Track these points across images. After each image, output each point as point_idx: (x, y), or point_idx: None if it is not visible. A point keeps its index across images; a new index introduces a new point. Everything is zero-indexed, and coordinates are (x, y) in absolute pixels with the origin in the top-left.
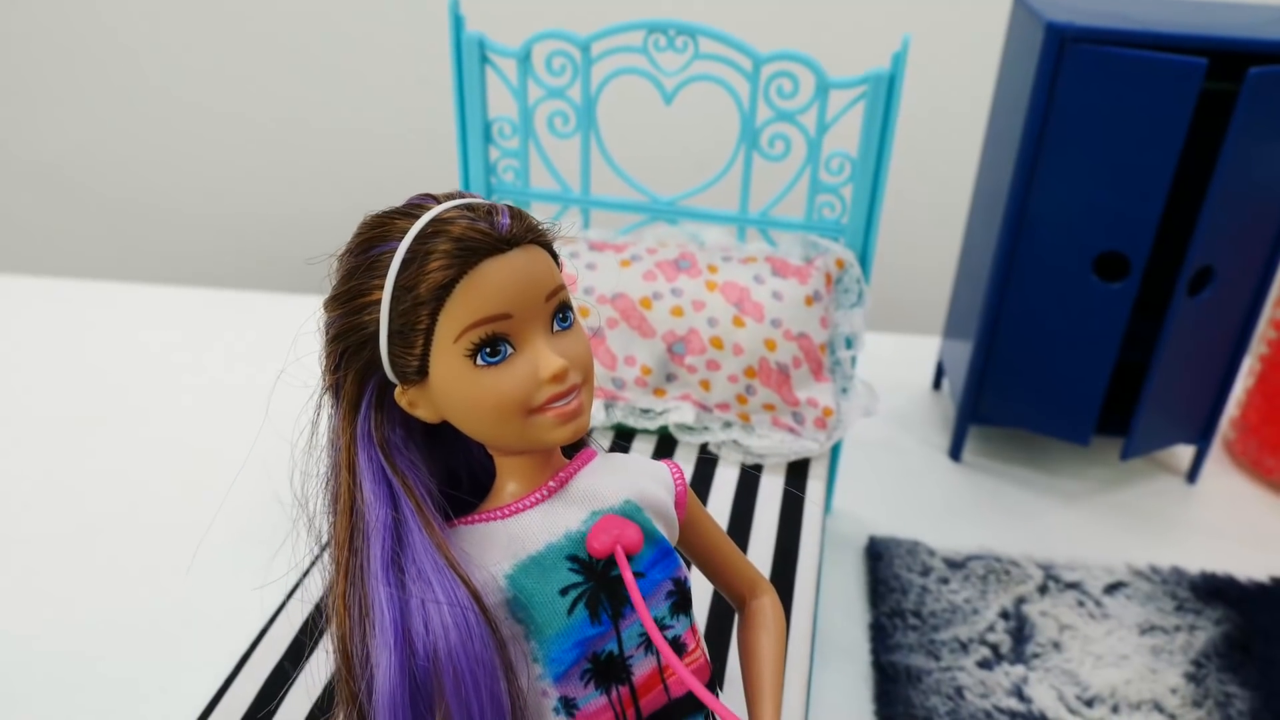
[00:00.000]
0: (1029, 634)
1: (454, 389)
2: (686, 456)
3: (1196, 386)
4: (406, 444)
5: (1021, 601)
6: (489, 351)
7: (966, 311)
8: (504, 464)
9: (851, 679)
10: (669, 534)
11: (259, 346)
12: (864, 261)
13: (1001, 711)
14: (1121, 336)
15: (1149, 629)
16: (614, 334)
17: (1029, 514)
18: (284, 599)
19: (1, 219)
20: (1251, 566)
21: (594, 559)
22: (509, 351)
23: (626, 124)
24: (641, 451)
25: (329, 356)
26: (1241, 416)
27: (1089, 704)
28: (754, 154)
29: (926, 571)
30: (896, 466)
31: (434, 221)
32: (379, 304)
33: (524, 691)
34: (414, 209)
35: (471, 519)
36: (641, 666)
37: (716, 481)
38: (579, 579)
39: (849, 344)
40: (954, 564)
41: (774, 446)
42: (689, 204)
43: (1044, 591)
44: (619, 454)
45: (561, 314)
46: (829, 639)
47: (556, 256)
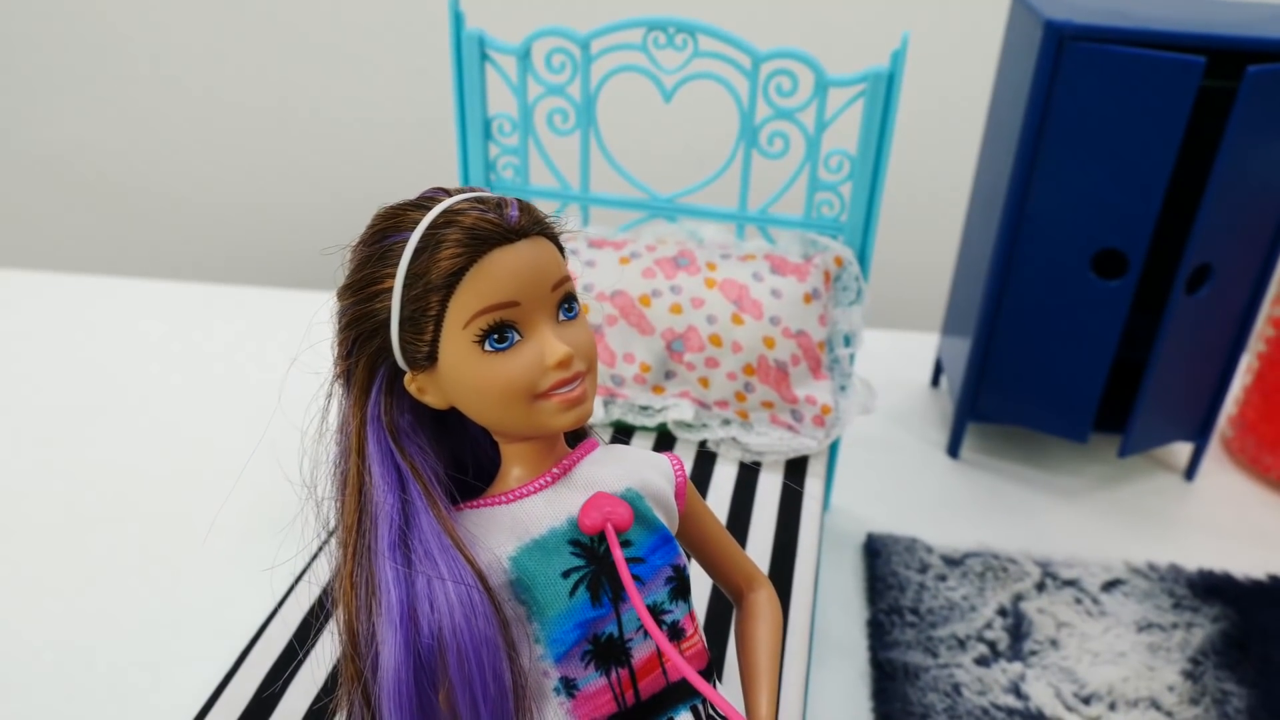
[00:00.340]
0: (1026, 631)
1: (462, 374)
2: (685, 453)
3: (1194, 384)
4: (415, 429)
5: (1019, 599)
6: (497, 338)
7: (965, 309)
8: (509, 450)
9: (849, 676)
10: (669, 524)
11: (256, 340)
12: (862, 259)
13: (999, 709)
14: (1119, 334)
15: (1146, 626)
16: (613, 331)
17: (1027, 511)
18: (293, 582)
19: (6, 213)
20: (1249, 564)
21: (595, 543)
22: (516, 338)
23: (626, 121)
24: (641, 448)
25: (341, 344)
26: (1239, 414)
27: (1086, 701)
28: (753, 152)
29: (924, 568)
30: (895, 463)
31: (446, 213)
32: (391, 291)
33: (525, 671)
34: (426, 201)
35: (477, 503)
36: (641, 649)
37: (715, 479)
38: (581, 562)
39: (847, 342)
40: (952, 561)
41: (772, 444)
42: (688, 201)
43: (1041, 589)
44: (621, 445)
45: (567, 304)
46: (827, 636)
47: (563, 249)
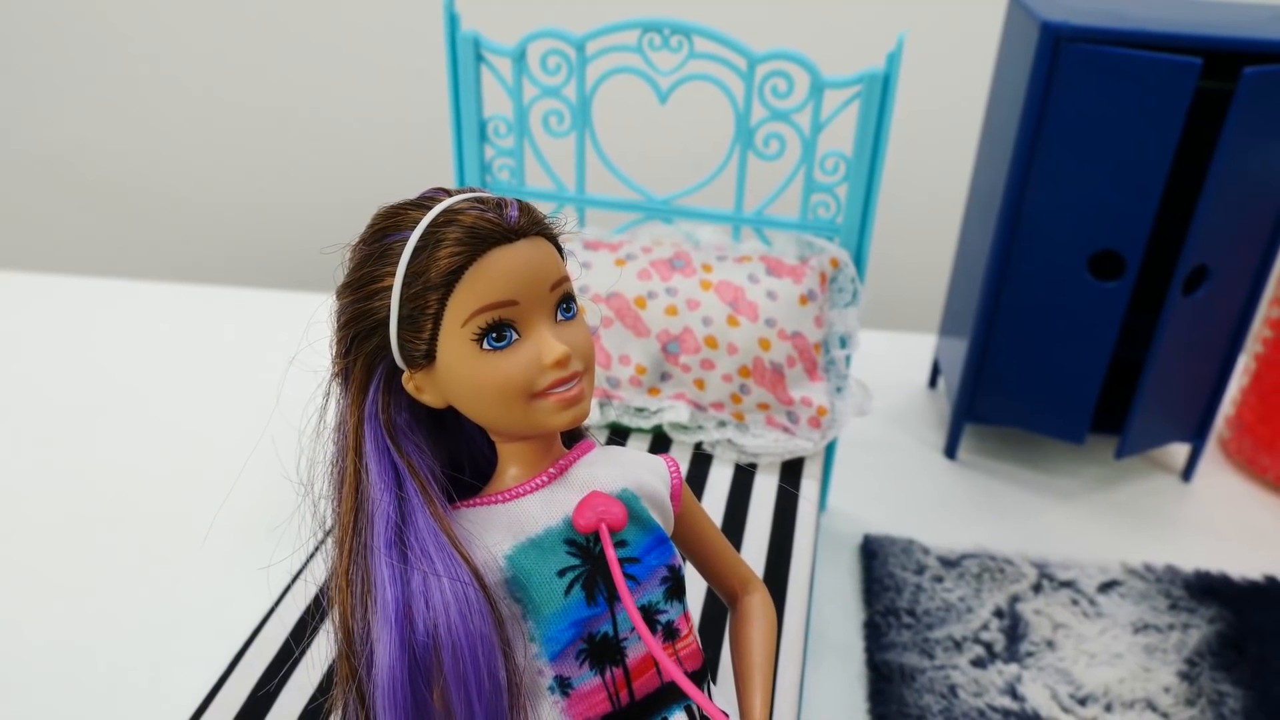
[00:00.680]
0: (1023, 632)
1: (460, 373)
2: (681, 455)
3: (1191, 385)
4: (412, 428)
5: (1015, 600)
6: (495, 336)
7: (962, 310)
8: (505, 450)
9: (845, 677)
10: (665, 525)
11: (255, 341)
12: (858, 261)
13: (995, 710)
14: (1117, 335)
15: (1143, 627)
16: (609, 333)
17: (1024, 512)
18: (290, 581)
19: (5, 214)
20: (1245, 565)
21: (590, 542)
22: (514, 337)
23: (621, 123)
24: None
25: (339, 342)
26: (1236, 415)
27: (1082, 703)
28: (749, 153)
29: (921, 570)
30: (892, 465)
31: (446, 212)
32: (390, 290)
33: (520, 669)
34: (426, 201)
35: (473, 502)
36: (636, 649)
37: (711, 480)
38: (576, 561)
39: (843, 343)
40: (948, 562)
41: (768, 446)
42: (684, 203)
43: (1038, 590)
44: (617, 446)
45: (565, 304)
46: (823, 637)
47: (562, 250)
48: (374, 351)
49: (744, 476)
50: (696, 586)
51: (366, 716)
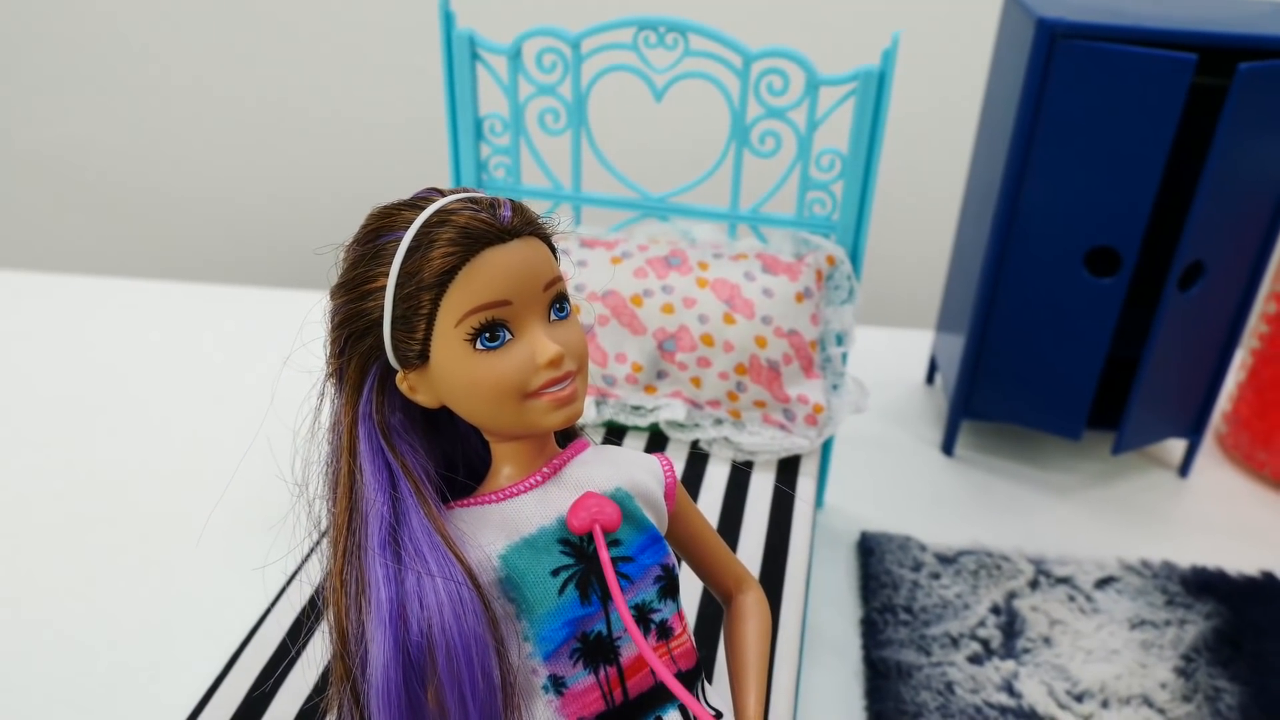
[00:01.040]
0: (1019, 629)
1: (453, 373)
2: (677, 453)
3: (1188, 381)
4: (406, 428)
5: (1012, 596)
6: (488, 337)
7: (958, 306)
8: (499, 449)
9: (842, 674)
10: (658, 525)
11: (254, 340)
12: (855, 258)
13: (992, 706)
14: (1113, 331)
15: (1139, 624)
16: (605, 331)
17: (1020, 509)
18: (285, 581)
19: (5, 214)
20: (1242, 560)
21: (584, 542)
22: (507, 338)
23: (617, 121)
24: (633, 449)
25: (333, 342)
26: (1233, 410)
27: (1079, 699)
28: (744, 151)
29: (918, 566)
30: (888, 461)
31: (439, 212)
32: (384, 290)
33: (514, 669)
34: (419, 201)
35: (467, 502)
36: (629, 648)
37: (707, 479)
38: (570, 560)
39: (839, 341)
40: (945, 559)
41: (765, 443)
42: (680, 201)
43: (1035, 586)
44: (611, 445)
45: (559, 304)
46: (820, 634)
47: (555, 250)
48: (368, 352)
49: (740, 474)
50: (692, 584)
51: (361, 717)
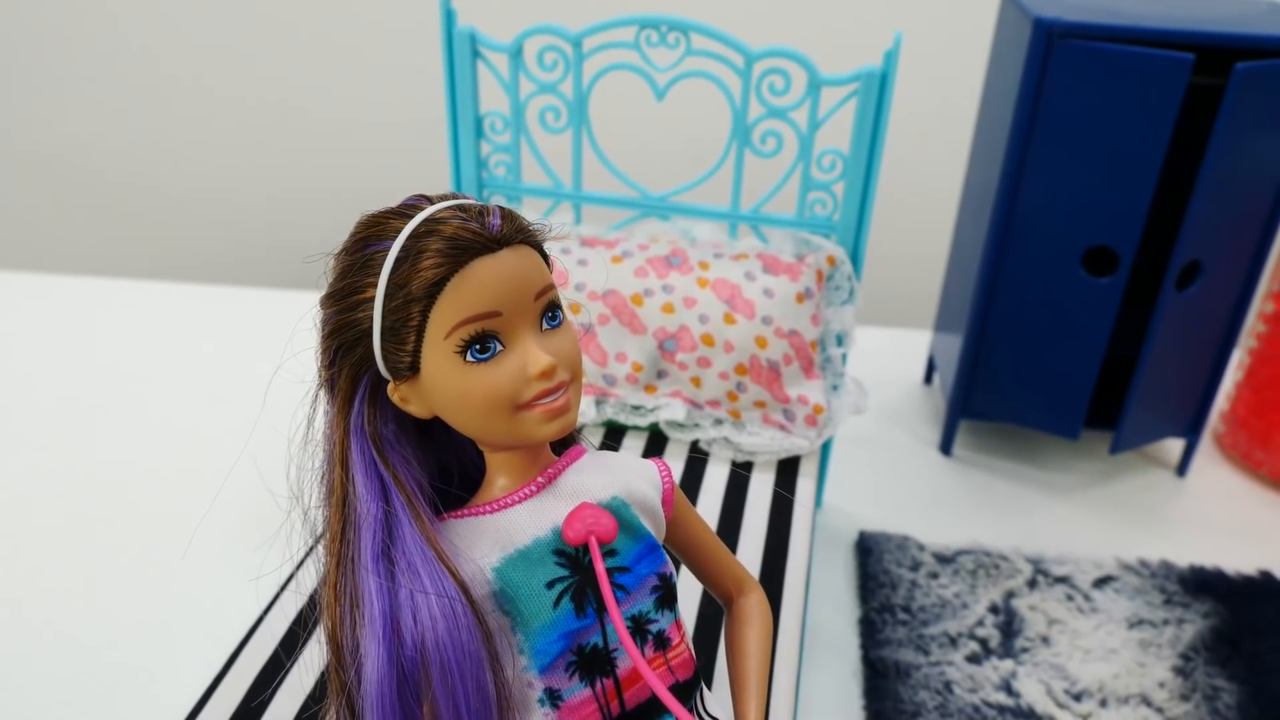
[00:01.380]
0: (1018, 628)
1: (444, 385)
2: (677, 454)
3: (1185, 380)
4: (398, 439)
5: (1010, 596)
6: (479, 348)
7: (957, 306)
8: (493, 459)
9: (841, 674)
10: (656, 531)
11: (253, 341)
12: (855, 259)
13: (990, 706)
14: (1110, 331)
15: (1137, 623)
16: (605, 330)
17: (1019, 508)
18: (278, 590)
19: (4, 213)
20: (1240, 560)
21: (580, 553)
22: (498, 349)
23: (618, 119)
24: (632, 449)
25: (324, 352)
26: (1231, 410)
27: (1077, 698)
28: (746, 150)
29: (916, 566)
30: (887, 461)
31: (427, 221)
32: (373, 301)
33: (509, 682)
34: (408, 209)
35: (461, 513)
36: (626, 660)
37: (707, 479)
38: (565, 572)
39: (840, 341)
40: (944, 559)
41: (764, 444)
42: (680, 200)
43: (1033, 586)
44: (607, 452)
45: (550, 313)
46: (819, 634)
47: (547, 257)
48: (359, 362)
49: (739, 475)
50: (692, 585)
51: None
